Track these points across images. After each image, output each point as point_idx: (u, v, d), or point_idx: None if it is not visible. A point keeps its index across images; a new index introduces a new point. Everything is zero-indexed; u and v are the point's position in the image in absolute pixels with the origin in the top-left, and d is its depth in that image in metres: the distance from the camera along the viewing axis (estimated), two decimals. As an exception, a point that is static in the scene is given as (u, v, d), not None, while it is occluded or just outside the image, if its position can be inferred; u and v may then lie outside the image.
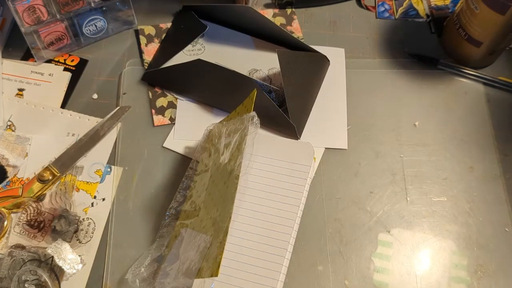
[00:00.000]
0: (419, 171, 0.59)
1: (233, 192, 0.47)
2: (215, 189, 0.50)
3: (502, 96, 0.65)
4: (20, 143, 0.59)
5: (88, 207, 0.56)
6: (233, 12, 0.66)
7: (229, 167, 0.50)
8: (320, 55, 0.64)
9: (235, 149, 0.50)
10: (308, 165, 0.55)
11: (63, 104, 0.62)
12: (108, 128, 0.60)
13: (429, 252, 0.55)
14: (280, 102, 0.62)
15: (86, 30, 0.64)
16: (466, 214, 0.57)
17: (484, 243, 0.55)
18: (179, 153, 0.60)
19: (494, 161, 0.60)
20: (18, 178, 0.57)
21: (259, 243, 0.52)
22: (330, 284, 0.53)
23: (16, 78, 0.63)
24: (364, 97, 0.64)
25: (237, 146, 0.50)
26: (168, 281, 0.48)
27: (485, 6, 0.58)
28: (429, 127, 0.62)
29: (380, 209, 0.57)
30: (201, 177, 0.54)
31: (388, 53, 0.68)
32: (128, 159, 0.59)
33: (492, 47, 0.63)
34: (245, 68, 0.65)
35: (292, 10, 0.71)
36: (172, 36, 0.67)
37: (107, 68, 0.65)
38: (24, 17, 0.59)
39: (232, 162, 0.50)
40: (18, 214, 0.55)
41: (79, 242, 0.54)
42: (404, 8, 0.71)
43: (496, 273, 0.54)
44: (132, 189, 0.57)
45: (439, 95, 0.65)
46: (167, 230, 0.53)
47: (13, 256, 0.50)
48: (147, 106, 0.62)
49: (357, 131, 0.62)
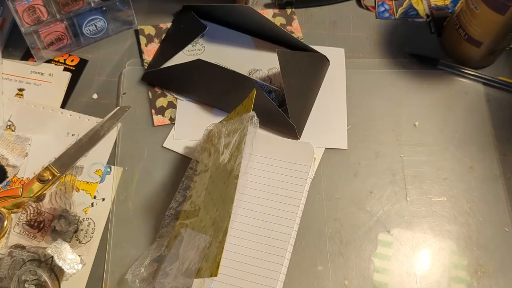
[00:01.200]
0: (419, 171, 0.59)
1: (232, 192, 0.47)
2: (215, 189, 0.50)
3: (502, 96, 0.65)
4: (20, 143, 0.59)
5: (88, 207, 0.56)
6: (233, 12, 0.66)
7: (229, 167, 0.50)
8: (320, 55, 0.64)
9: (234, 149, 0.50)
10: (308, 165, 0.55)
11: (63, 104, 0.62)
12: (108, 128, 0.60)
13: (429, 252, 0.55)
14: (280, 102, 0.62)
15: (86, 30, 0.64)
16: (466, 214, 0.57)
17: (484, 243, 0.55)
18: (179, 153, 0.60)
19: (494, 161, 0.60)
20: (18, 178, 0.57)
21: (259, 243, 0.52)
22: (330, 284, 0.53)
23: (16, 78, 0.63)
24: (364, 97, 0.64)
25: (237, 146, 0.50)
26: (167, 281, 0.48)
27: (485, 6, 0.58)
28: (429, 127, 0.62)
29: (380, 209, 0.57)
30: (200, 177, 0.54)
31: (388, 53, 0.68)
32: (128, 159, 0.59)
33: (492, 47, 0.63)
34: (245, 68, 0.65)
35: (292, 10, 0.71)
36: (172, 36, 0.67)
37: (107, 68, 0.65)
38: (24, 17, 0.59)
39: (231, 162, 0.50)
40: (18, 214, 0.55)
41: (79, 242, 0.54)
42: (404, 8, 0.71)
43: (496, 273, 0.54)
44: (132, 189, 0.57)
45: (439, 95, 0.65)
46: (167, 230, 0.53)
47: (13, 256, 0.50)
48: (147, 106, 0.62)
49: (357, 131, 0.62)
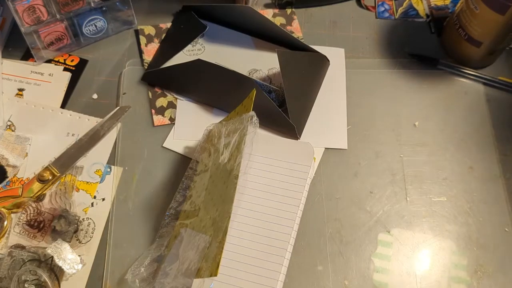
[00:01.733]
0: (419, 171, 0.59)
1: (232, 191, 0.47)
2: (215, 189, 0.50)
3: (502, 96, 0.65)
4: (20, 143, 0.59)
5: (88, 207, 0.56)
6: (233, 12, 0.66)
7: (229, 167, 0.50)
8: (320, 55, 0.64)
9: (234, 148, 0.50)
10: (308, 165, 0.55)
11: (63, 104, 0.62)
12: (108, 128, 0.60)
13: (429, 252, 0.55)
14: (280, 102, 0.62)
15: (86, 30, 0.64)
16: (466, 214, 0.57)
17: (484, 243, 0.55)
18: (179, 153, 0.60)
19: (494, 161, 0.60)
20: (18, 178, 0.57)
21: (259, 243, 0.52)
22: (330, 284, 0.53)
23: (16, 78, 0.63)
24: (364, 97, 0.64)
25: (237, 146, 0.50)
26: (167, 281, 0.48)
27: (485, 6, 0.58)
28: (429, 127, 0.62)
29: (380, 209, 0.57)
30: (200, 177, 0.54)
31: (388, 53, 0.68)
32: (128, 159, 0.59)
33: (492, 47, 0.63)
34: (245, 68, 0.65)
35: (292, 10, 0.71)
36: (172, 36, 0.67)
37: (107, 68, 0.65)
38: (24, 17, 0.59)
39: (231, 162, 0.50)
40: (18, 214, 0.55)
41: (79, 242, 0.54)
42: (404, 8, 0.71)
43: (496, 273, 0.54)
44: (132, 189, 0.57)
45: (439, 95, 0.65)
46: (166, 230, 0.53)
47: (13, 256, 0.50)
48: (147, 106, 0.62)
49: (357, 131, 0.62)
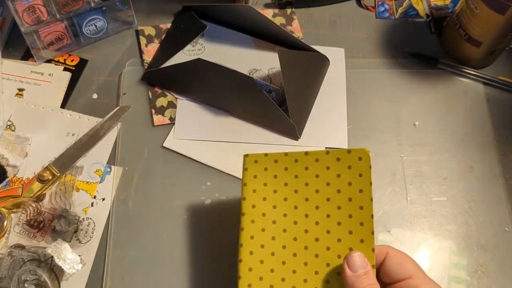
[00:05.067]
0: (419, 171, 0.59)
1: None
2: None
3: (502, 96, 0.65)
4: (20, 143, 0.59)
5: (88, 207, 0.56)
6: (233, 12, 0.66)
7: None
8: (320, 55, 0.64)
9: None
10: None
11: (63, 104, 0.62)
12: (108, 128, 0.60)
13: (429, 252, 0.55)
14: (280, 102, 0.62)
15: (86, 30, 0.64)
16: (466, 214, 0.57)
17: (484, 243, 0.55)
18: (179, 152, 0.59)
19: (494, 161, 0.60)
20: (18, 178, 0.57)
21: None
22: (330, 284, 0.53)
23: (16, 78, 0.63)
24: (364, 97, 0.64)
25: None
26: None
27: (485, 6, 0.58)
28: (429, 127, 0.62)
29: (380, 209, 0.57)
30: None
31: (388, 53, 0.68)
32: (128, 159, 0.59)
33: (492, 47, 0.63)
34: (245, 68, 0.65)
35: (292, 10, 0.71)
36: (172, 36, 0.67)
37: (107, 68, 0.65)
38: (24, 17, 0.59)
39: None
40: (18, 214, 0.55)
41: (79, 242, 0.54)
42: (404, 8, 0.71)
43: (496, 273, 0.54)
44: (132, 189, 0.57)
45: (439, 95, 0.65)
46: None
47: (13, 256, 0.50)
48: (147, 106, 0.62)
49: (357, 131, 0.62)
